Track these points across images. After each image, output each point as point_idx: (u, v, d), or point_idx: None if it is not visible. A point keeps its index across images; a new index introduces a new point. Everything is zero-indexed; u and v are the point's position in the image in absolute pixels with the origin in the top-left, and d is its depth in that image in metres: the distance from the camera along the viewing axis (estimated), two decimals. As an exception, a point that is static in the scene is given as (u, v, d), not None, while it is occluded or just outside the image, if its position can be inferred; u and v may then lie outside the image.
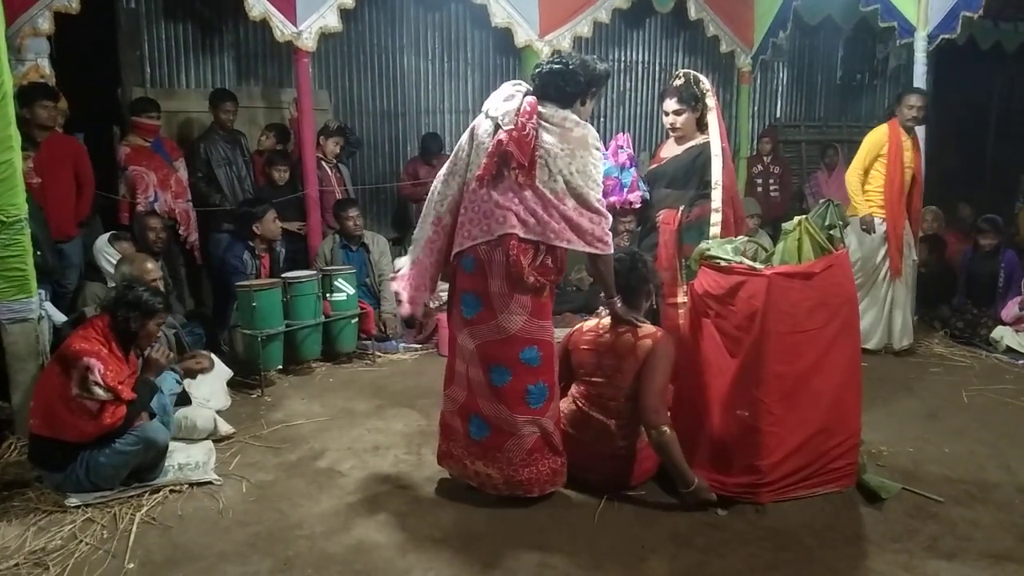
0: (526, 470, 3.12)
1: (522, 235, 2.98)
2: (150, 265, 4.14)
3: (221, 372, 4.51)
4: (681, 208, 3.89)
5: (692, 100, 3.90)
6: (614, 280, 3.21)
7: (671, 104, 3.93)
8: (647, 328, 3.26)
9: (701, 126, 3.96)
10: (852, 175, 5.46)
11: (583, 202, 3.00)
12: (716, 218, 3.80)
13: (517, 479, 3.13)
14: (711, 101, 3.90)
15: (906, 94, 5.33)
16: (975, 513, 3.16)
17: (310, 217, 5.91)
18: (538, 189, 2.97)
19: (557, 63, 3.05)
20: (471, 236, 3.06)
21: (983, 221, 6.16)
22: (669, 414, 3.17)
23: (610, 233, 3.10)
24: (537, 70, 3.10)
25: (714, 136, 3.87)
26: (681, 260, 3.75)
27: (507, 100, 3.06)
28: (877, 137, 5.35)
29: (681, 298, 3.70)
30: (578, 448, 3.31)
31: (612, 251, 3.13)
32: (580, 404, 3.34)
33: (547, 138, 2.98)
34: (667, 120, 3.98)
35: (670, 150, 4.07)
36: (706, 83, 3.91)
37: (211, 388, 4.26)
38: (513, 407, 3.08)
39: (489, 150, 3.01)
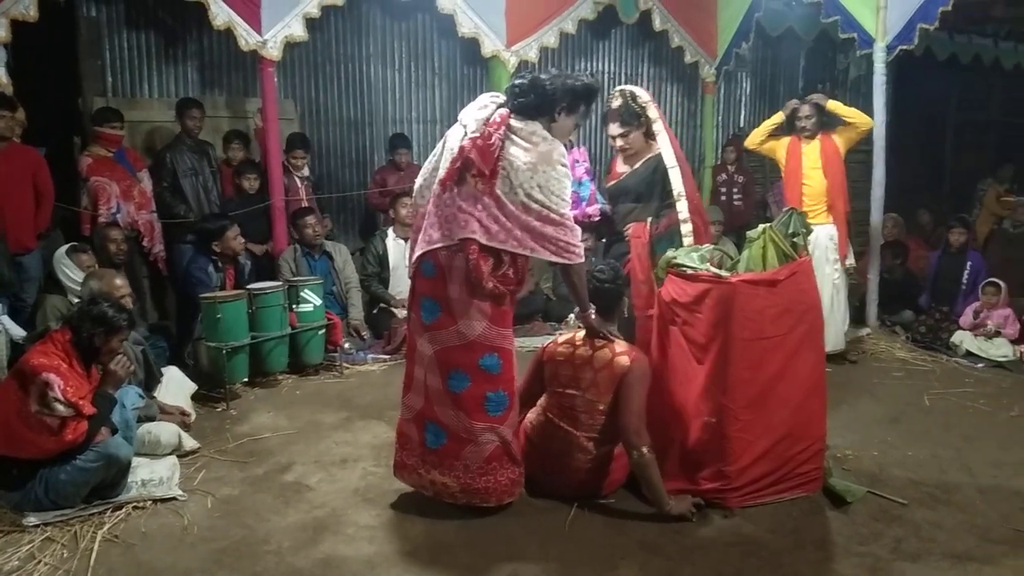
0: (483, 479, 3.10)
1: (484, 241, 2.96)
2: (119, 281, 4.07)
3: (185, 386, 4.45)
4: (649, 220, 3.91)
5: (634, 119, 3.89)
6: (587, 292, 3.21)
7: (615, 128, 3.92)
8: (622, 344, 3.26)
9: (650, 138, 3.96)
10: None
11: (546, 215, 2.97)
12: (687, 228, 3.81)
13: (474, 487, 3.10)
14: (653, 112, 3.89)
15: (798, 105, 5.44)
16: (938, 515, 3.22)
17: (275, 227, 5.86)
18: (499, 198, 2.96)
19: (524, 76, 3.05)
20: (431, 240, 3.06)
21: (954, 219, 6.32)
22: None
23: (580, 244, 3.08)
24: (508, 83, 3.11)
25: (665, 147, 3.86)
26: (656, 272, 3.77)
27: (480, 109, 3.07)
28: (781, 144, 5.49)
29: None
30: (545, 459, 3.31)
31: (582, 260, 3.12)
32: (550, 415, 3.33)
33: (512, 150, 2.97)
34: (616, 143, 3.98)
35: (626, 165, 4.08)
36: (643, 95, 3.87)
37: (174, 402, 4.20)
38: (471, 414, 3.06)
39: (453, 155, 3.02)
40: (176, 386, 4.36)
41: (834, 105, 5.38)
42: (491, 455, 3.09)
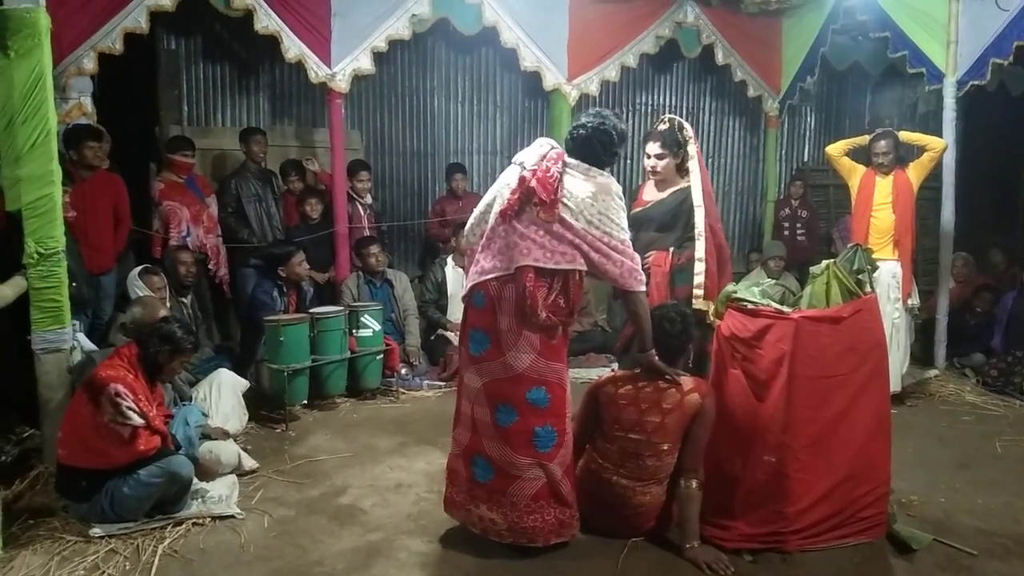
0: (531, 517, 3.03)
1: (542, 264, 2.96)
2: (163, 311, 4.19)
3: (237, 385, 4.47)
4: (672, 250, 3.92)
5: (674, 146, 3.92)
6: (651, 329, 3.16)
7: (654, 148, 3.94)
8: (688, 381, 3.16)
9: (681, 171, 3.97)
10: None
11: (607, 240, 3.01)
12: (699, 267, 3.83)
13: (521, 526, 3.03)
14: (692, 149, 3.93)
15: (874, 140, 5.36)
16: (1011, 568, 3.07)
17: (339, 254, 5.99)
18: (563, 220, 2.97)
19: (587, 130, 3.08)
20: (484, 271, 3.07)
21: None
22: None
23: (642, 274, 3.08)
24: (569, 135, 3.14)
25: (695, 185, 3.90)
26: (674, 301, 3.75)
27: (538, 148, 3.13)
28: (858, 171, 5.44)
29: None
30: (596, 508, 3.22)
31: (644, 290, 3.11)
32: (604, 464, 3.20)
33: (570, 181, 3.02)
34: (648, 163, 3.99)
35: (653, 193, 4.06)
36: (689, 130, 3.95)
37: (227, 400, 4.29)
38: (517, 448, 3.01)
39: (512, 188, 3.05)
40: (228, 388, 4.40)
41: (906, 135, 5.39)
42: (538, 493, 3.03)
